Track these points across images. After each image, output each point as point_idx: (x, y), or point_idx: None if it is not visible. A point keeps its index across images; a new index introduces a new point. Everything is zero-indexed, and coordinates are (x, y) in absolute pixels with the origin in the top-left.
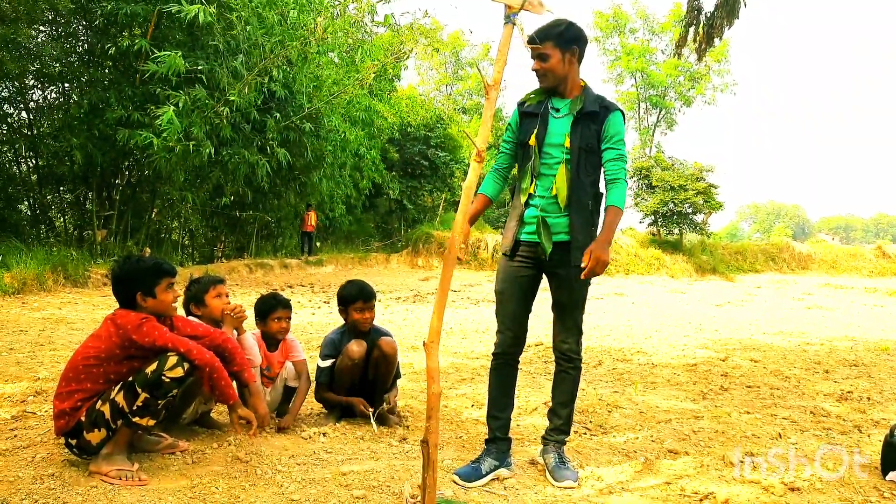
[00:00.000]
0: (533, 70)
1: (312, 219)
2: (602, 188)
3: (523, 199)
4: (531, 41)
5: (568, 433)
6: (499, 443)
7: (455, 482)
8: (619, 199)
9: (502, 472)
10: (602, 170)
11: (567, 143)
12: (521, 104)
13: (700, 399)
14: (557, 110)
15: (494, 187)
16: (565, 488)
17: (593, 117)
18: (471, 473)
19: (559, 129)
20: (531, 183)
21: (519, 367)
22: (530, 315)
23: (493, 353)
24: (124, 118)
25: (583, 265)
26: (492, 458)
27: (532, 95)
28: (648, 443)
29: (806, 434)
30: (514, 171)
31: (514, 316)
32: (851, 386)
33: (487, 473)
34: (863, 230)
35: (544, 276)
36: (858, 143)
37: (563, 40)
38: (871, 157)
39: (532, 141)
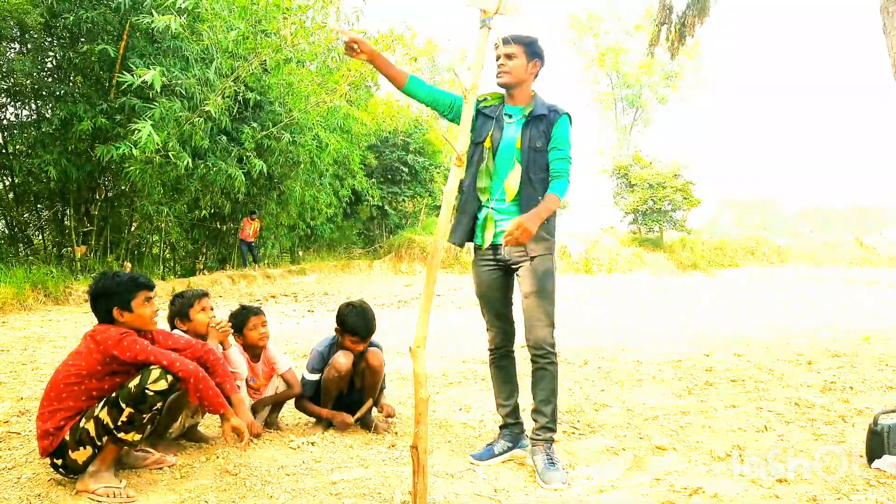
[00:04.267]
0: (497, 63)
1: (253, 227)
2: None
3: (483, 198)
4: (505, 41)
5: (555, 430)
6: (510, 427)
7: (471, 462)
8: (560, 189)
9: (517, 452)
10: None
11: (518, 145)
12: (478, 104)
13: (686, 395)
14: (510, 116)
15: (420, 87)
16: (555, 490)
17: (542, 119)
18: (484, 454)
19: (512, 132)
20: (488, 182)
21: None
22: (513, 308)
23: (488, 349)
24: (96, 131)
25: (505, 229)
26: (505, 440)
27: (488, 98)
28: (636, 440)
29: (791, 426)
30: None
31: (497, 314)
32: (834, 376)
33: (501, 454)
34: (840, 222)
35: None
36: (835, 136)
37: (530, 49)
38: (847, 150)
39: (487, 143)
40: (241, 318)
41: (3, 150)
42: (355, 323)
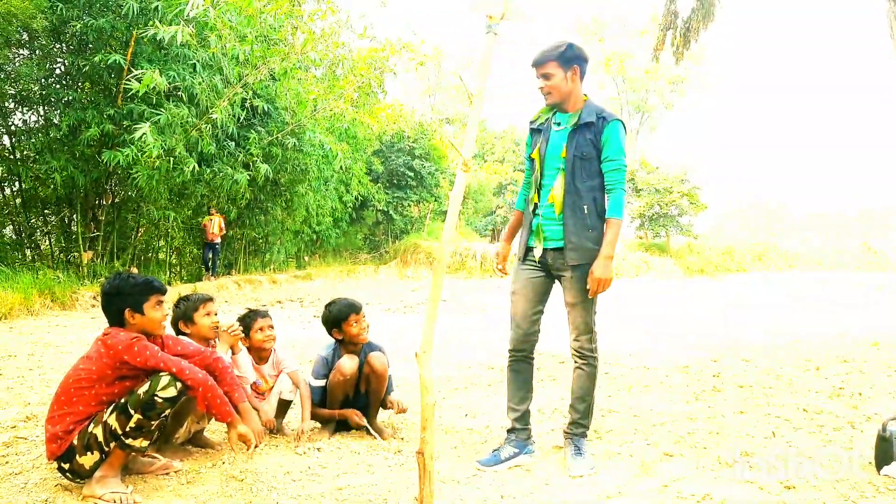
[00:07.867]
0: (539, 89)
1: (216, 225)
2: (604, 194)
3: (530, 208)
4: (537, 63)
5: (586, 427)
6: (518, 432)
7: (477, 468)
8: (616, 209)
9: (523, 458)
10: (602, 178)
11: (564, 154)
12: (531, 122)
13: (693, 400)
14: (559, 124)
15: (523, 201)
16: (576, 477)
17: (589, 126)
18: (490, 460)
19: (558, 141)
20: (535, 193)
21: (534, 363)
22: (542, 317)
23: (508, 350)
24: (103, 137)
25: (588, 286)
26: (511, 445)
27: (540, 114)
28: (644, 446)
29: (800, 432)
30: None
31: (524, 314)
32: (843, 382)
33: (507, 459)
34: (847, 225)
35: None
36: (842, 138)
37: (563, 59)
38: (854, 151)
39: (535, 154)
40: (248, 320)
41: (11, 156)
42: (340, 308)
